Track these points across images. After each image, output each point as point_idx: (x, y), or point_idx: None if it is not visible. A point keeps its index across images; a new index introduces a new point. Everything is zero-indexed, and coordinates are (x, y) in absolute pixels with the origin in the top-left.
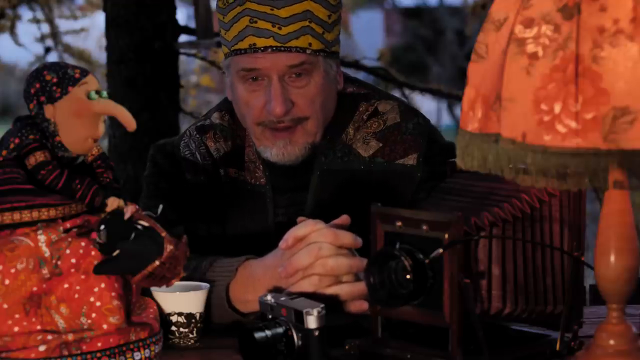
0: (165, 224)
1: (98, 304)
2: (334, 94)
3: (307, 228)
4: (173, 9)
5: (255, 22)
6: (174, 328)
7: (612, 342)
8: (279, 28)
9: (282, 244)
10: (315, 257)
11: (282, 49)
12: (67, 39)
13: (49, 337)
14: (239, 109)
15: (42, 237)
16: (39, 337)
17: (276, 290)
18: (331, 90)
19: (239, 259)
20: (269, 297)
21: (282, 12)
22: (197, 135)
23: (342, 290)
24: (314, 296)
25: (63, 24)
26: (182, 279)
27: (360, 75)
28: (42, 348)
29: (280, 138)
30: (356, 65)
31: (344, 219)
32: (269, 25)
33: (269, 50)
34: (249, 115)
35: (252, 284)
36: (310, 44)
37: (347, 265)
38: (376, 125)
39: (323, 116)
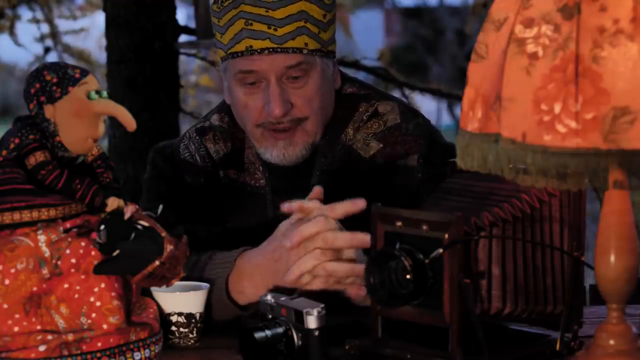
0: (165, 224)
1: (98, 304)
2: (332, 94)
3: (316, 226)
4: (173, 9)
5: (251, 24)
6: (174, 328)
7: (612, 342)
8: (275, 29)
9: (286, 241)
10: (321, 228)
11: (279, 50)
12: (67, 39)
13: (49, 337)
14: (237, 111)
15: (42, 237)
16: (39, 337)
17: (276, 289)
18: (329, 90)
19: (238, 250)
20: (269, 297)
21: (277, 13)
22: (197, 137)
23: (341, 267)
24: (313, 295)
25: (63, 24)
26: (183, 276)
27: (360, 75)
28: (42, 348)
29: (280, 139)
30: (356, 65)
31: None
32: (265, 27)
33: (266, 51)
34: (248, 117)
35: (249, 271)
36: (306, 44)
37: (348, 238)
38: (376, 126)
39: (322, 116)
